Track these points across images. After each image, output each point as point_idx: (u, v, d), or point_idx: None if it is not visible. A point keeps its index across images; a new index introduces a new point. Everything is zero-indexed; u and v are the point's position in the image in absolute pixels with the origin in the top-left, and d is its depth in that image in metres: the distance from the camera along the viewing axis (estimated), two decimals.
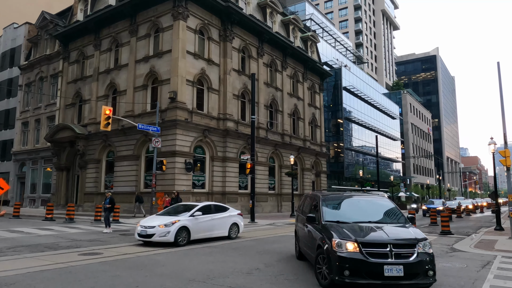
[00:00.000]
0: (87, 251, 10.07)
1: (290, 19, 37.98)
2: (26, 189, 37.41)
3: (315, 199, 8.36)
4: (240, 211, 27.75)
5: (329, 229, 6.79)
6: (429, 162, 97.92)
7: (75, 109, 32.28)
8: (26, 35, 40.86)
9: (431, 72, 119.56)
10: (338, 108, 56.03)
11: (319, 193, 8.54)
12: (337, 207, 7.96)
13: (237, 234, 13.72)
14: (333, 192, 9.22)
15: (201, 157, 26.61)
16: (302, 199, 10.14)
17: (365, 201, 8.35)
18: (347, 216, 7.40)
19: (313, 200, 8.56)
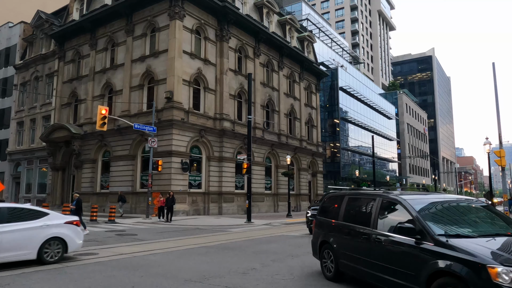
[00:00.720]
0: (83, 251, 10.02)
1: (286, 19, 38.01)
2: (21, 189, 37.18)
3: (389, 203, 6.04)
4: (237, 211, 27.96)
5: (463, 249, 4.57)
6: (425, 162, 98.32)
7: (71, 109, 32.14)
8: (21, 34, 40.62)
9: (427, 73, 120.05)
10: (334, 108, 56.15)
11: (395, 196, 6.05)
12: (439, 214, 5.74)
13: (60, 255, 8.49)
14: (412, 192, 6.87)
15: (198, 157, 26.58)
16: (326, 200, 8.04)
17: (465, 204, 6.19)
18: (463, 227, 5.35)
19: (379, 204, 6.14)
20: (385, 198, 6.15)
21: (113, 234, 14.40)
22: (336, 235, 6.99)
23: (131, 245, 11.50)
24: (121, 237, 13.56)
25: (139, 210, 25.17)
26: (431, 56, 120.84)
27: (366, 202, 6.65)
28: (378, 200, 6.21)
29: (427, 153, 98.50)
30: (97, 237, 13.52)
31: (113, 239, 13.07)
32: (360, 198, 6.96)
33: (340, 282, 6.86)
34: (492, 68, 16.66)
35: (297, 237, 14.40)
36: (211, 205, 26.57)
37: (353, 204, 7.00)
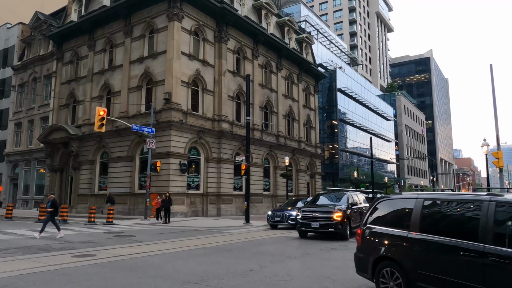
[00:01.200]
0: (81, 252, 10.00)
1: (285, 21, 38.07)
2: (19, 191, 37.09)
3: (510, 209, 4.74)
4: (235, 212, 27.93)
5: None
6: (423, 164, 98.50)
7: (69, 110, 32.09)
8: (20, 35, 40.57)
9: (425, 74, 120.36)
10: (332, 110, 56.23)
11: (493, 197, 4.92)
12: None
13: None
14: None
15: (196, 158, 26.56)
16: (381, 205, 6.50)
17: None
18: None
19: (492, 211, 4.76)
20: (502, 203, 4.78)
21: (111, 236, 14.37)
22: (409, 251, 5.51)
23: (129, 247, 11.48)
24: (119, 239, 13.52)
25: (137, 212, 25.13)
26: (429, 57, 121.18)
27: (463, 208, 5.33)
28: (488, 205, 4.82)
29: (425, 155, 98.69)
30: (95, 238, 13.49)
31: (111, 240, 13.04)
32: (449, 203, 5.60)
33: None
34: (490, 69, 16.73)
35: (295, 239, 14.40)
36: (210, 207, 26.55)
37: (435, 210, 5.65)
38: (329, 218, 13.65)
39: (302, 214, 14.35)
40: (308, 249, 11.38)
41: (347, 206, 14.41)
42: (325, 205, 14.91)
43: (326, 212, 13.92)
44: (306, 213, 14.29)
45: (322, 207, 14.67)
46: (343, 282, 7.05)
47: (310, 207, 14.97)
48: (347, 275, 7.58)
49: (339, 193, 16.85)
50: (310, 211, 14.29)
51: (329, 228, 13.59)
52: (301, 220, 14.31)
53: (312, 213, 14.12)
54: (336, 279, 7.28)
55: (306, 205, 16.09)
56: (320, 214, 13.95)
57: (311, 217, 13.94)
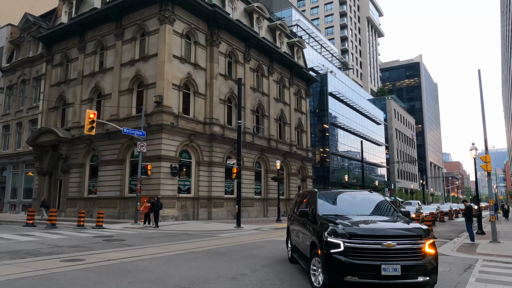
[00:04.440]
0: (70, 257, 9.86)
1: (276, 25, 38.25)
2: (7, 194, 36.52)
3: None
4: (227, 215, 27.85)
5: None
6: (413, 167, 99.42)
7: (59, 113, 31.75)
8: (8, 36, 40.09)
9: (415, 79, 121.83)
10: (324, 114, 56.52)
11: None
12: None
13: None
14: None
15: (187, 162, 26.46)
16: None
17: None
18: None
19: None
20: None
21: (101, 240, 14.21)
22: None
23: (119, 251, 11.36)
24: (109, 243, 13.38)
25: (127, 215, 24.91)
26: (418, 62, 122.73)
27: None
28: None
29: (415, 158, 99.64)
30: (84, 242, 13.33)
31: (100, 244, 12.89)
32: None
33: None
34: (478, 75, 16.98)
35: None
36: (201, 210, 26.43)
37: None
38: (416, 251, 5.95)
39: (351, 244, 5.89)
40: None
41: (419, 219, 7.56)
42: (372, 220, 6.88)
43: (406, 237, 6.04)
44: (361, 241, 5.92)
45: (372, 222, 6.74)
46: None
47: (354, 223, 6.42)
48: None
49: (359, 193, 8.84)
50: (370, 234, 6.02)
51: (418, 275, 5.83)
52: (350, 259, 5.82)
53: (376, 240, 5.90)
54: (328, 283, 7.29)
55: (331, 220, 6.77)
56: (395, 241, 5.91)
57: (378, 252, 5.83)
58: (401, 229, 6.22)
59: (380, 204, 7.99)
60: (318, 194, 8.01)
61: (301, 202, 9.22)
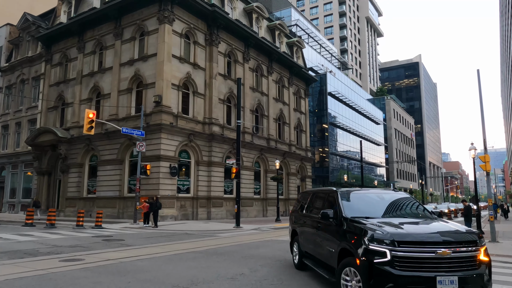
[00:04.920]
0: (68, 257, 9.86)
1: (276, 25, 38.25)
2: (6, 194, 36.48)
3: None
4: (226, 215, 27.85)
5: None
6: (412, 167, 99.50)
7: (58, 112, 31.72)
8: (7, 36, 40.04)
9: (414, 79, 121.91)
10: (323, 113, 56.54)
11: None
12: None
13: None
14: None
15: (186, 162, 26.45)
16: None
17: None
18: None
19: None
20: None
21: (100, 240, 14.20)
22: None
23: (118, 251, 11.35)
24: (108, 243, 13.37)
25: (126, 215, 24.90)
26: (418, 62, 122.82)
27: None
28: None
29: (414, 158, 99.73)
30: (84, 242, 13.33)
31: (100, 244, 12.88)
32: None
33: None
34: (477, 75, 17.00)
35: (285, 242, 14.39)
36: (200, 210, 26.43)
37: None
38: (471, 260, 5.20)
39: (399, 252, 4.94)
40: None
41: None
42: (414, 222, 6.08)
43: (461, 243, 5.23)
44: (411, 248, 4.98)
45: (415, 225, 5.93)
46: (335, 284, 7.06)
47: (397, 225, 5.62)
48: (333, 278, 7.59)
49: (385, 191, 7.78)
50: (422, 240, 5.11)
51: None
52: (399, 270, 4.87)
53: (429, 247, 5.02)
54: (327, 282, 7.29)
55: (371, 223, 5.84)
56: (450, 248, 5.09)
57: (432, 262, 4.96)
58: (454, 233, 5.41)
59: (411, 205, 7.08)
60: (339, 193, 7.00)
61: (312, 202, 8.28)
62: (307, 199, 8.71)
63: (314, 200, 8.26)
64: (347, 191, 7.30)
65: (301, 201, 9.13)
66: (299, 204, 9.18)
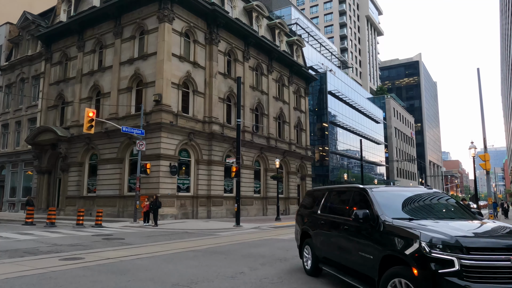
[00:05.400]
0: (68, 256, 9.86)
1: (276, 23, 38.21)
2: (6, 193, 36.49)
3: None
4: (226, 214, 27.86)
5: None
6: (412, 166, 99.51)
7: (58, 111, 31.72)
8: (7, 35, 40.00)
9: (414, 78, 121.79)
10: (323, 112, 56.52)
11: None
12: None
13: None
14: None
15: (186, 161, 26.45)
16: None
17: None
18: None
19: None
20: None
21: (100, 238, 14.21)
22: None
23: (118, 249, 11.36)
24: (108, 241, 13.39)
25: (126, 214, 24.91)
26: (418, 61, 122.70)
27: None
28: None
29: (414, 157, 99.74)
30: (84, 241, 13.34)
31: (100, 243, 12.89)
32: None
33: None
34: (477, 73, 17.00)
35: (285, 241, 14.41)
36: (200, 209, 26.44)
37: None
38: None
39: (469, 261, 4.17)
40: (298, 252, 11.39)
41: None
42: (467, 224, 5.36)
43: None
44: (482, 256, 4.21)
45: (475, 228, 5.08)
46: (333, 283, 7.08)
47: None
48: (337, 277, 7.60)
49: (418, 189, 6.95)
50: (494, 246, 4.37)
51: None
52: (469, 282, 4.09)
53: (502, 254, 4.27)
54: (327, 281, 7.30)
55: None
56: None
57: (506, 272, 4.20)
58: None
59: (451, 203, 6.25)
60: (373, 192, 6.05)
61: (329, 202, 7.37)
62: (320, 197, 7.81)
63: (333, 199, 7.40)
64: (379, 188, 6.44)
65: (312, 200, 8.24)
66: (310, 203, 8.29)
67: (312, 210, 7.94)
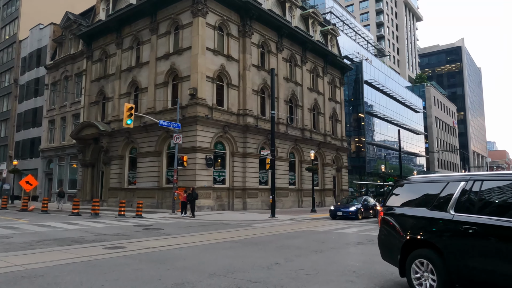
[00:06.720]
0: (112, 245, 10.33)
1: (309, 13, 37.61)
2: (54, 185, 38.61)
3: None
4: (261, 206, 28.05)
5: None
6: (454, 157, 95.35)
7: (99, 107, 33.04)
8: (51, 35, 42.00)
9: (456, 64, 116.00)
10: (359, 102, 55.27)
11: None
12: None
13: None
14: None
15: (222, 153, 26.80)
16: None
17: None
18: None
19: None
20: None
21: (141, 229, 14.75)
22: None
23: (158, 239, 11.75)
24: (148, 232, 13.88)
25: (165, 205, 25.68)
26: (460, 46, 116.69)
27: None
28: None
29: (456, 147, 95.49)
30: (125, 231, 13.89)
31: (140, 233, 13.39)
32: None
33: None
34: None
35: (321, 233, 14.34)
36: (236, 201, 26.77)
37: None
38: None
39: None
40: (333, 244, 11.32)
41: None
42: None
43: None
44: None
45: None
46: (369, 276, 6.98)
47: None
48: (373, 270, 7.49)
49: None
50: None
51: None
52: None
53: None
54: (362, 273, 7.21)
55: None
56: None
57: None
58: None
59: None
60: None
61: (474, 197, 4.99)
62: (447, 192, 5.40)
63: (485, 194, 4.96)
64: None
65: (425, 197, 5.81)
66: (420, 200, 5.86)
67: (431, 209, 5.51)
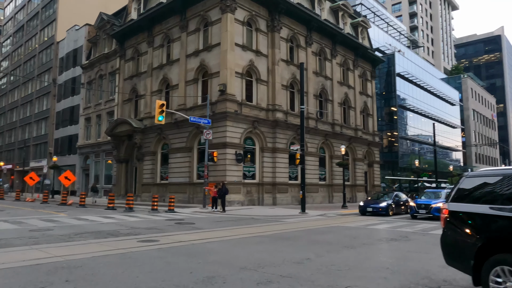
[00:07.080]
0: (145, 238, 10.60)
1: (339, 5, 36.90)
2: (90, 181, 40.11)
3: None
4: (291, 201, 27.96)
5: None
6: (494, 151, 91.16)
7: (132, 104, 33.93)
8: (87, 36, 43.47)
9: (495, 54, 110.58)
10: (391, 96, 53.81)
11: None
12: None
13: None
14: None
15: (251, 148, 26.88)
16: None
17: None
18: None
19: None
20: None
21: (173, 223, 15.06)
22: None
23: (189, 233, 11.97)
24: (180, 226, 14.15)
25: (196, 200, 26.09)
26: (499, 35, 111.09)
27: None
28: None
29: (495, 141, 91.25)
30: (158, 225, 14.23)
31: (172, 227, 13.68)
32: None
33: None
34: None
35: (352, 228, 14.12)
36: (265, 196, 26.81)
37: None
38: None
39: None
40: (365, 240, 11.12)
41: None
42: None
43: None
44: None
45: None
46: (403, 273, 6.80)
47: None
48: (407, 267, 7.30)
49: None
50: None
51: None
52: None
53: None
54: (396, 270, 7.04)
55: None
56: None
57: None
58: None
59: None
60: None
61: None
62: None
63: None
64: None
65: (506, 189, 4.92)
66: (500, 195, 4.98)
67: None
